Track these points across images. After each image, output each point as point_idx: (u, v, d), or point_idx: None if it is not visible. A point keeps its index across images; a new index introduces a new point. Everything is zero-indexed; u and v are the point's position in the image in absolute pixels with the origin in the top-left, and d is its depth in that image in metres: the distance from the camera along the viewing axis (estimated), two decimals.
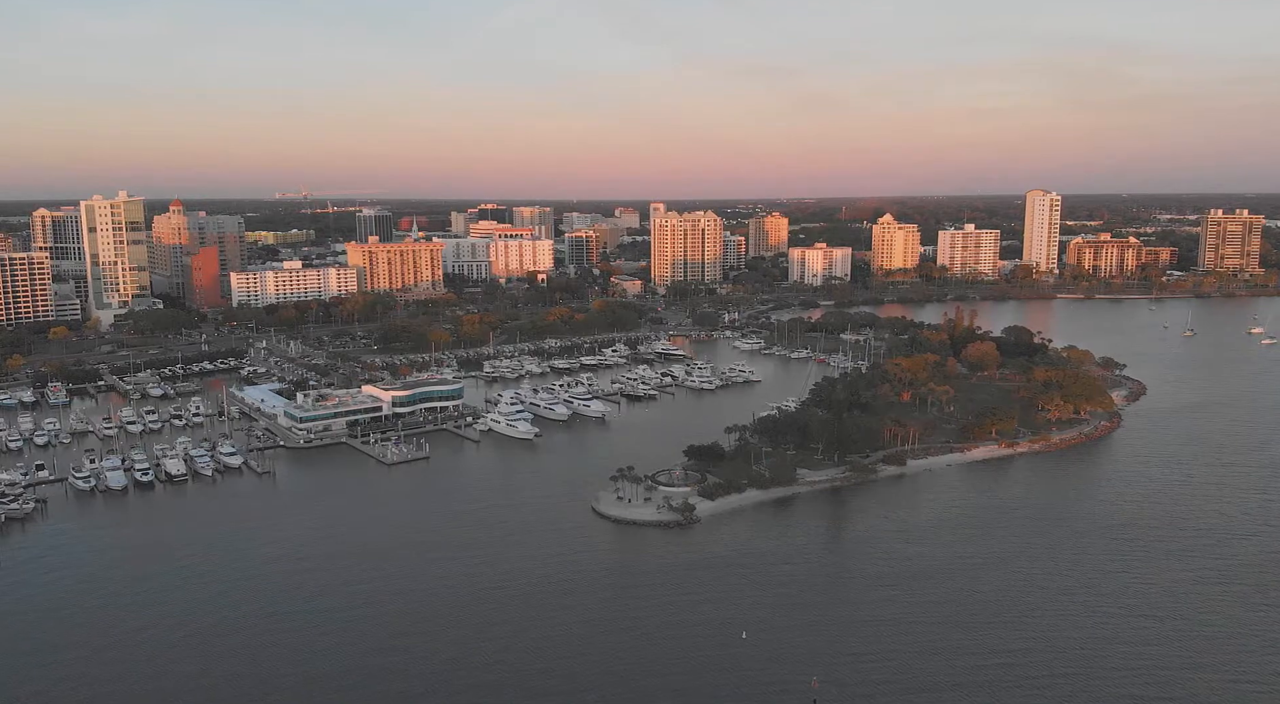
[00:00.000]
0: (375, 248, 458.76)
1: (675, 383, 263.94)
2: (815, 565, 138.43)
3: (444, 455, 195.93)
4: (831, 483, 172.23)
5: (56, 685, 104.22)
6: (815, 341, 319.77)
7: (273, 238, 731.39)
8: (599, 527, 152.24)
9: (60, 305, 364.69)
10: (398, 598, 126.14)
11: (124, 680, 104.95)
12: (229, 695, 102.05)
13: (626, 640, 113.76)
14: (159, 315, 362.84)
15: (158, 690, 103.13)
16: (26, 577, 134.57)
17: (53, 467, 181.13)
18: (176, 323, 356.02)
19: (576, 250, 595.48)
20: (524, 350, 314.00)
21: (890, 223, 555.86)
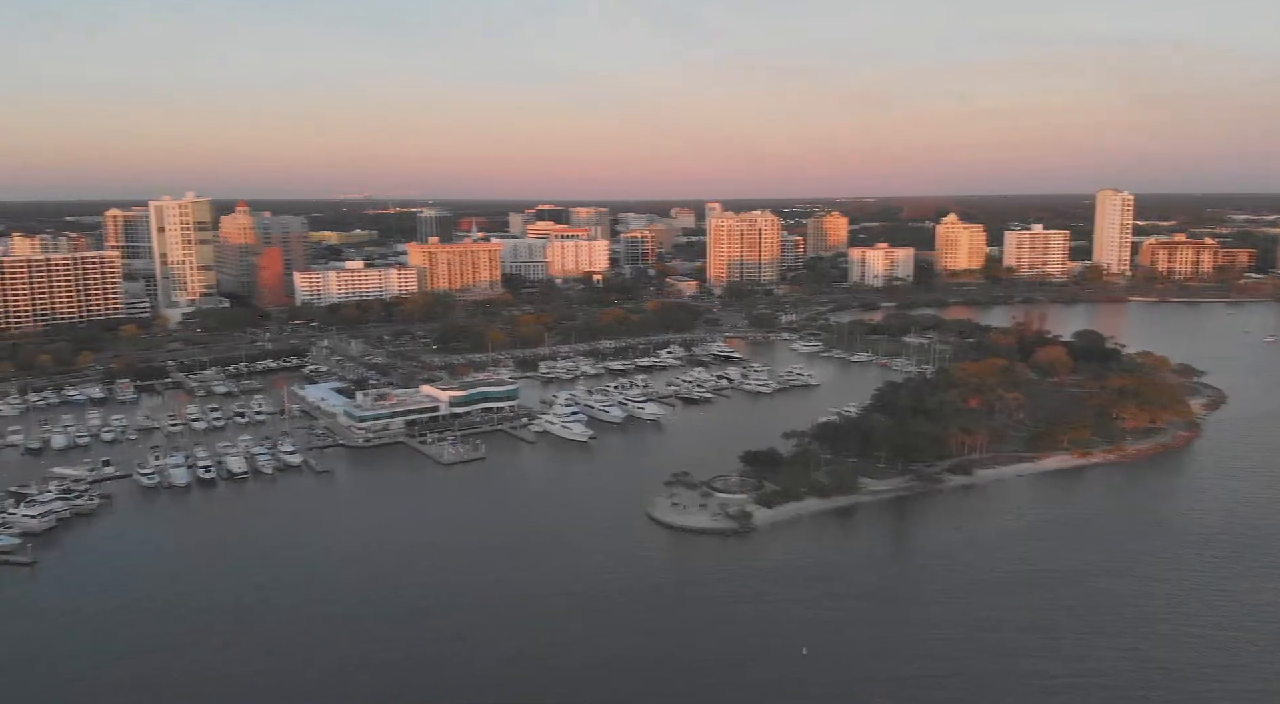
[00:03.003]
0: (435, 248, 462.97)
1: (731, 386, 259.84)
2: (879, 578, 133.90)
3: (500, 456, 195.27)
4: (895, 492, 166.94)
5: (122, 677, 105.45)
6: (877, 344, 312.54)
7: (336, 238, 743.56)
8: (653, 533, 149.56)
9: (130, 303, 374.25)
10: (452, 598, 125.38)
11: (184, 673, 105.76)
12: (278, 691, 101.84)
13: (680, 652, 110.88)
14: (225, 314, 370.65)
15: (218, 682, 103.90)
16: (91, 571, 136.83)
17: (119, 463, 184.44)
18: (241, 321, 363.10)
19: (632, 251, 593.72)
20: (579, 351, 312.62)
21: (955, 222, 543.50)
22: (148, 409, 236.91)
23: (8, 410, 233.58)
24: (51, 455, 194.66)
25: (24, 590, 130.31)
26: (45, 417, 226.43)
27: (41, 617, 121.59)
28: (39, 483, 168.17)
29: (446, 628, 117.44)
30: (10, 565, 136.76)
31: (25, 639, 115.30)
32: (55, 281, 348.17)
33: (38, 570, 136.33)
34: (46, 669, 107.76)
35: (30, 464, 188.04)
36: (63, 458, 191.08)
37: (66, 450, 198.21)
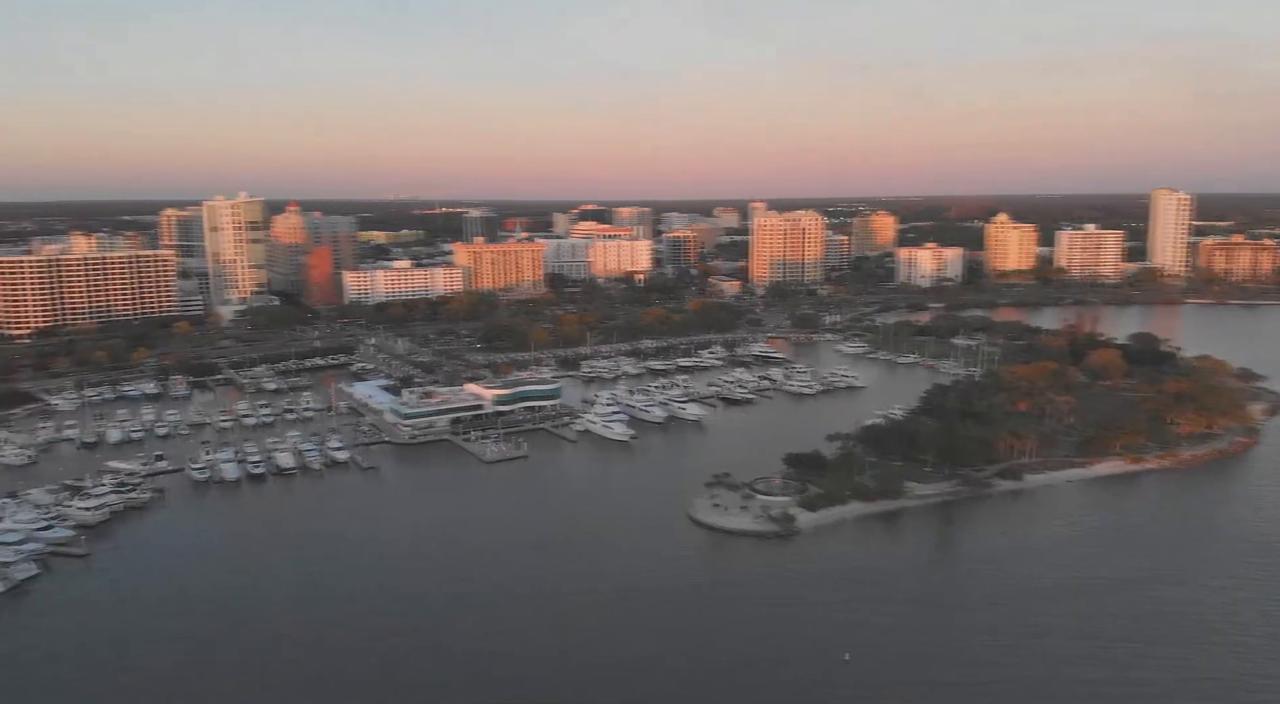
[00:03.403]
0: (480, 248, 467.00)
1: (773, 386, 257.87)
2: (924, 583, 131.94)
3: (541, 454, 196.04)
4: (941, 497, 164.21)
5: (172, 666, 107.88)
6: (924, 346, 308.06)
7: (384, 238, 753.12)
8: (694, 533, 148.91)
9: (185, 301, 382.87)
10: (494, 594, 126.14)
11: (233, 663, 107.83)
12: (322, 681, 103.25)
13: (721, 653, 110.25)
14: (275, 312, 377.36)
15: (266, 671, 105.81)
16: (143, 563, 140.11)
17: (172, 457, 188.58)
18: (291, 319, 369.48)
19: (674, 250, 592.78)
20: (621, 351, 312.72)
21: (1005, 222, 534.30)
22: (200, 405, 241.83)
23: (65, 405, 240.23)
24: (106, 449, 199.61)
25: (78, 581, 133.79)
26: (101, 411, 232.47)
27: (95, 607, 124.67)
28: (94, 476, 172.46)
29: (488, 624, 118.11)
30: (65, 556, 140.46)
31: (80, 628, 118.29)
32: (112, 279, 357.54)
33: (91, 562, 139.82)
34: (99, 658, 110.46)
35: (86, 458, 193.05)
36: (117, 452, 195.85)
37: (121, 445, 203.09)
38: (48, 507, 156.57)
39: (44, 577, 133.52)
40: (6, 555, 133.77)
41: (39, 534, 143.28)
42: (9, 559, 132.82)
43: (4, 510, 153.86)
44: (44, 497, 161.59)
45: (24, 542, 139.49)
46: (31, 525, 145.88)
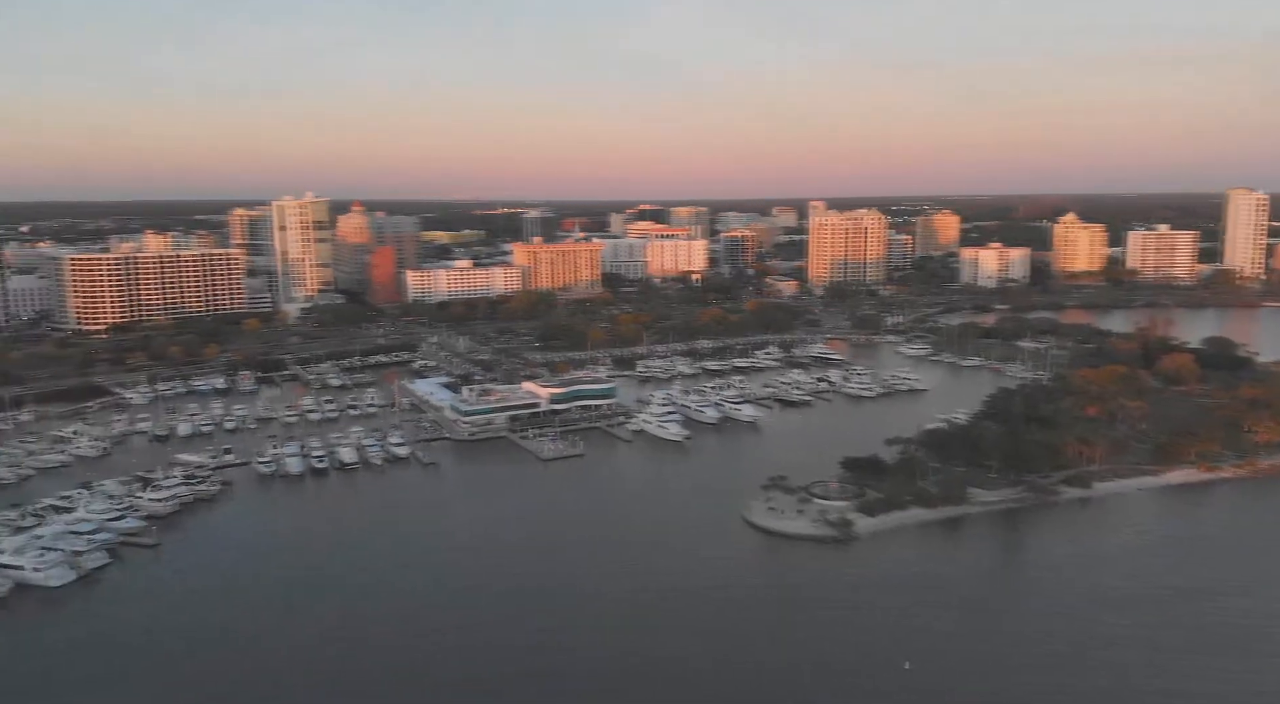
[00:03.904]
0: (539, 248, 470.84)
1: (832, 389, 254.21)
2: (986, 591, 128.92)
3: (597, 453, 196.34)
4: (1006, 504, 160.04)
5: (235, 656, 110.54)
6: (989, 349, 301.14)
7: (446, 237, 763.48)
8: (749, 536, 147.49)
9: (253, 299, 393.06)
10: (551, 592, 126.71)
11: (295, 652, 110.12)
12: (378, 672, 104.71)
13: (776, 660, 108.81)
14: (340, 310, 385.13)
15: (326, 661, 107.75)
16: (210, 553, 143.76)
17: (239, 451, 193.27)
18: (356, 317, 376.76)
19: (731, 250, 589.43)
20: (676, 351, 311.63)
21: (1073, 222, 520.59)
22: (267, 400, 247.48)
23: (138, 399, 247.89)
24: (177, 442, 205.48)
25: (147, 570, 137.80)
26: (172, 405, 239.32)
27: (162, 596, 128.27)
28: (164, 468, 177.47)
29: (541, 621, 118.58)
30: (136, 546, 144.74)
31: (147, 617, 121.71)
32: (184, 277, 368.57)
33: (161, 552, 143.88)
34: (165, 647, 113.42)
35: (157, 450, 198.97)
36: (187, 445, 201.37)
37: (191, 438, 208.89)
38: (120, 497, 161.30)
39: (114, 566, 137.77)
40: (79, 544, 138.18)
41: (111, 524, 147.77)
42: (81, 548, 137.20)
43: (78, 500, 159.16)
44: (116, 488, 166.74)
45: (96, 531, 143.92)
46: (104, 515, 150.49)
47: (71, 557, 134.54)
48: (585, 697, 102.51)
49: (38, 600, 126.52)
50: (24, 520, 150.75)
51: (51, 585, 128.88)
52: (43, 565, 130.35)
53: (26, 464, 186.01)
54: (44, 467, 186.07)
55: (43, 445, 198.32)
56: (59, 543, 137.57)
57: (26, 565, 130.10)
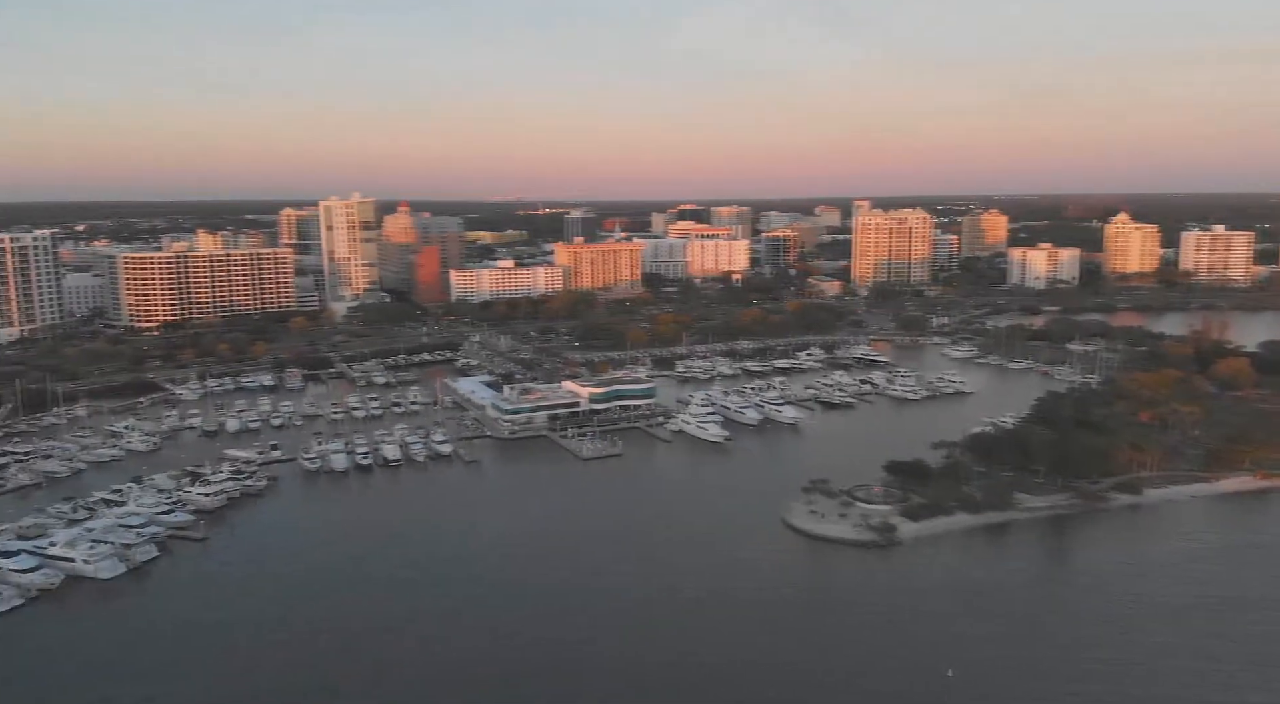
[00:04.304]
0: (580, 248, 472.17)
1: (875, 391, 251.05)
2: (1033, 599, 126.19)
3: (636, 453, 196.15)
4: (1054, 510, 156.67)
5: (281, 645, 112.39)
6: (1037, 351, 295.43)
7: (489, 238, 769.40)
8: (790, 540, 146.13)
9: (302, 297, 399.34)
10: (584, 591, 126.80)
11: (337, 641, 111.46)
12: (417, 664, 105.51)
13: (816, 665, 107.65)
14: (386, 308, 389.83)
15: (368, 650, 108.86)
16: (257, 547, 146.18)
17: (285, 447, 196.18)
18: (401, 316, 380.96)
19: (773, 250, 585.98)
20: (716, 351, 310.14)
21: (1125, 222, 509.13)
22: (313, 397, 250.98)
23: (188, 395, 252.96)
24: (225, 438, 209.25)
25: (195, 564, 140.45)
26: (222, 401, 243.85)
27: (211, 589, 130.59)
28: (213, 463, 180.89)
29: (579, 618, 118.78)
30: (184, 540, 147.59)
31: (197, 609, 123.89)
32: (234, 275, 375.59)
33: (208, 545, 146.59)
34: (209, 639, 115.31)
35: (206, 445, 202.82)
36: (235, 441, 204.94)
37: (239, 434, 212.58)
38: (169, 491, 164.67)
39: (163, 558, 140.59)
40: (129, 537, 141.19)
41: (160, 518, 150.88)
42: (132, 541, 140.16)
43: (129, 494, 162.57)
44: (166, 482, 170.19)
45: (146, 525, 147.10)
46: (154, 509, 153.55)
47: (122, 549, 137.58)
48: (618, 695, 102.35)
49: (89, 592, 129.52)
50: (76, 513, 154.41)
51: (102, 577, 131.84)
52: (93, 558, 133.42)
53: (80, 458, 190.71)
54: (97, 461, 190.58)
55: (96, 440, 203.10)
56: (110, 536, 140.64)
57: (78, 557, 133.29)
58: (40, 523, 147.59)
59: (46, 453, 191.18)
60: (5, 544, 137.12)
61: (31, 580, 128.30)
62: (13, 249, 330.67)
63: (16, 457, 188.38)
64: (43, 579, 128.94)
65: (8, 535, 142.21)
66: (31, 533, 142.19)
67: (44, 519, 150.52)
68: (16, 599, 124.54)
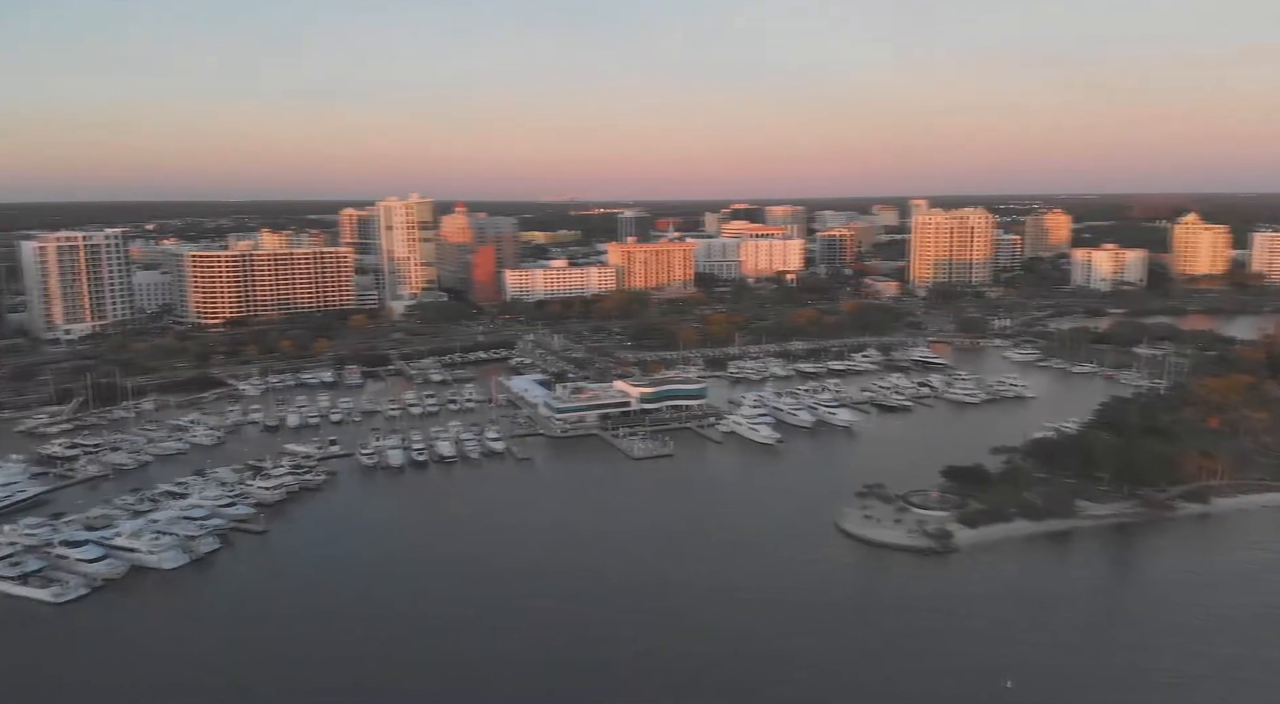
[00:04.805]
0: (633, 248, 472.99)
1: (934, 394, 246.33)
2: (1095, 610, 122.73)
3: (686, 454, 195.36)
4: (1118, 518, 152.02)
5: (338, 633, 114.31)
6: (1102, 355, 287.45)
7: (544, 238, 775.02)
8: (843, 545, 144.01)
9: (361, 295, 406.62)
10: (634, 587, 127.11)
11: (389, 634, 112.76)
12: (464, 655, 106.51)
13: (870, 672, 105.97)
14: (442, 307, 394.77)
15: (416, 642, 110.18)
16: (315, 541, 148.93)
17: (344, 442, 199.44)
18: (457, 314, 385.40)
19: (828, 250, 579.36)
20: (769, 352, 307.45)
21: (1195, 222, 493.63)
22: (371, 394, 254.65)
23: (251, 390, 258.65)
24: (286, 433, 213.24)
25: (255, 556, 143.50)
26: (283, 397, 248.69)
27: (270, 580, 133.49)
28: (273, 458, 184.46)
29: (628, 614, 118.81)
30: (245, 532, 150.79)
31: (258, 600, 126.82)
32: (297, 274, 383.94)
33: (268, 538, 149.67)
34: (273, 626, 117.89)
35: (267, 440, 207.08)
36: (295, 436, 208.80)
37: (299, 429, 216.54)
38: (231, 484, 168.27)
39: (224, 550, 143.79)
40: (192, 529, 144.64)
41: (222, 510, 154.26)
42: (194, 533, 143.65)
43: (192, 487, 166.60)
44: (229, 475, 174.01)
45: (209, 517, 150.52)
46: (216, 502, 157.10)
47: (185, 541, 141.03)
48: (667, 693, 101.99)
49: (153, 581, 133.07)
50: (142, 505, 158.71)
51: (165, 568, 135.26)
52: (157, 548, 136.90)
53: (146, 451, 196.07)
54: (162, 453, 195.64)
55: (162, 433, 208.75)
56: (173, 527, 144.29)
57: (142, 548, 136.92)
58: (107, 514, 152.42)
59: (115, 445, 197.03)
60: (73, 534, 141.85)
61: (97, 570, 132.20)
62: (85, 247, 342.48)
63: (86, 449, 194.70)
64: (108, 569, 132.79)
65: (76, 526, 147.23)
66: (98, 523, 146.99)
67: (110, 510, 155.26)
68: (83, 588, 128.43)
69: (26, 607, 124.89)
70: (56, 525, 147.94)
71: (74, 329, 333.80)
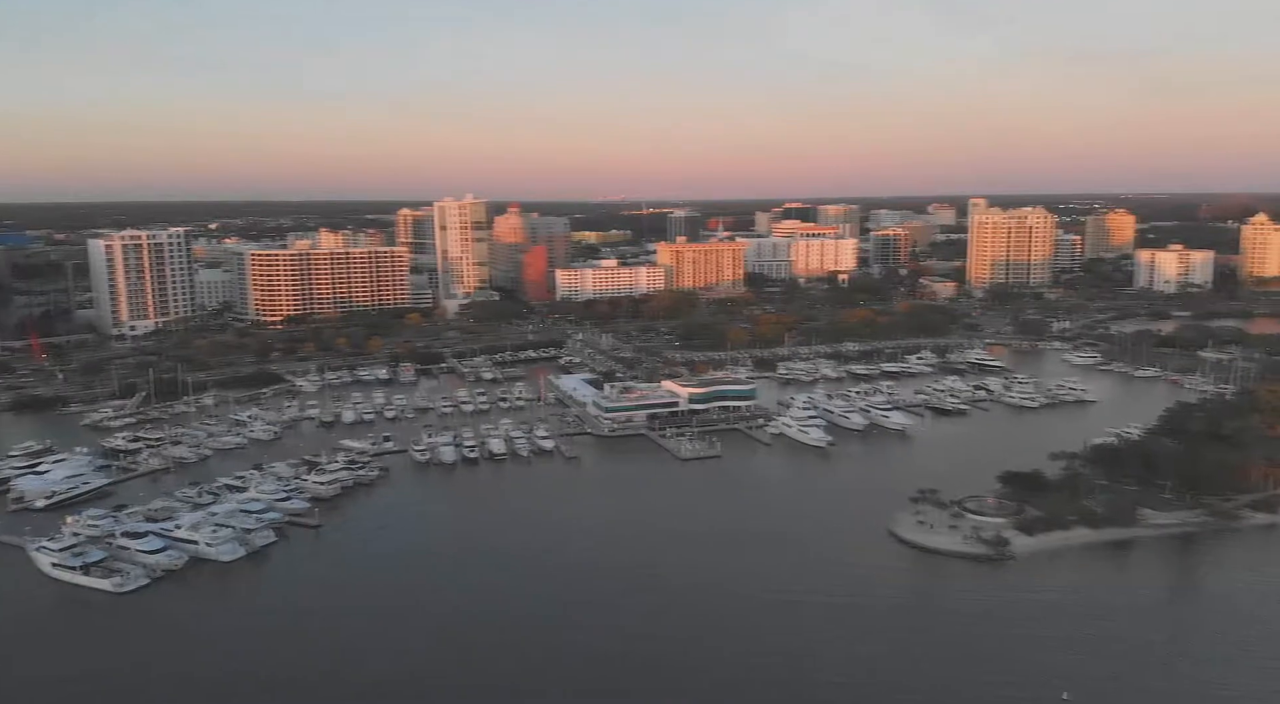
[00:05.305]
0: (682, 247, 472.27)
1: (991, 397, 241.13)
2: (1156, 623, 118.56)
3: (735, 455, 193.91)
4: (1182, 527, 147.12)
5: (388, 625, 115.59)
6: (1166, 358, 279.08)
7: (594, 237, 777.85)
8: (895, 551, 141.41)
9: (416, 294, 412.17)
10: (679, 587, 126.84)
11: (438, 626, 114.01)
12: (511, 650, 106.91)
13: (919, 678, 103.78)
14: (494, 306, 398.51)
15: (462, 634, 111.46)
16: (368, 535, 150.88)
17: (397, 439, 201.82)
18: (508, 313, 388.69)
19: (883, 249, 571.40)
20: (820, 353, 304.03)
21: (1265, 223, 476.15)
22: (425, 391, 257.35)
23: (308, 387, 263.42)
24: (341, 429, 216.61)
25: (309, 550, 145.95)
26: (339, 393, 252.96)
27: (325, 572, 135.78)
28: (329, 453, 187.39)
29: (683, 615, 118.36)
30: (300, 526, 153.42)
31: (313, 593, 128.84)
32: (354, 273, 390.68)
33: (322, 532, 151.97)
34: (326, 620, 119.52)
35: (323, 436, 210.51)
36: (350, 432, 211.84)
37: (354, 425, 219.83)
38: (288, 479, 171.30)
39: (280, 543, 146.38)
40: (249, 522, 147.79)
41: (279, 504, 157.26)
42: (252, 526, 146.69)
43: (250, 481, 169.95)
44: (285, 470, 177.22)
45: (266, 510, 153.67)
46: (273, 496, 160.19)
47: (242, 534, 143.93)
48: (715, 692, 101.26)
49: (210, 573, 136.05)
50: (201, 498, 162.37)
51: (223, 559, 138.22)
52: (215, 541, 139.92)
53: (206, 445, 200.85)
54: (222, 448, 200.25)
55: (222, 428, 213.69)
56: (231, 520, 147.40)
57: (201, 540, 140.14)
58: (168, 506, 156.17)
59: (176, 439, 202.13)
60: (135, 526, 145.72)
61: (158, 561, 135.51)
62: (149, 246, 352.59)
63: (149, 442, 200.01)
64: (168, 560, 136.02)
65: (137, 518, 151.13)
66: (159, 515, 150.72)
67: (171, 503, 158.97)
68: (143, 578, 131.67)
69: (89, 596, 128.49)
70: (119, 517, 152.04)
71: (139, 325, 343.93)
